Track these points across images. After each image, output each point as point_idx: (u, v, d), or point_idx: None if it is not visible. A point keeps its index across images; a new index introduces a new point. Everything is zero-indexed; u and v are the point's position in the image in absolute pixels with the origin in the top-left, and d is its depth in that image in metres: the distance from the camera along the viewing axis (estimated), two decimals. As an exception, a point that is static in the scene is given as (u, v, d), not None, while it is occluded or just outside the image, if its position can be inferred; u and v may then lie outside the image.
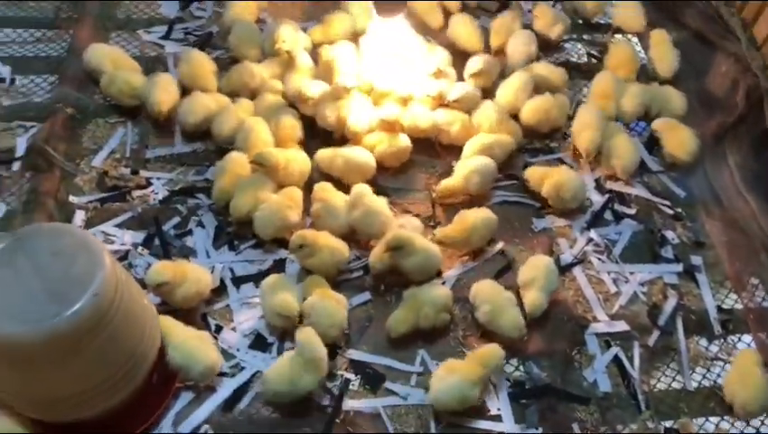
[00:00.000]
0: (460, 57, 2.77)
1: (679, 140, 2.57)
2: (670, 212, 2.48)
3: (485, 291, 2.14)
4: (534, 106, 2.60)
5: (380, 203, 2.28)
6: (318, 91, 2.49)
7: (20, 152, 2.43)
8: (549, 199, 2.40)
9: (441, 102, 2.58)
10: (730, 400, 2.05)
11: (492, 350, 2.01)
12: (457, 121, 2.53)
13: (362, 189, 2.29)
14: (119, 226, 2.30)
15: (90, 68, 2.61)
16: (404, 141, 2.47)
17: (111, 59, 2.61)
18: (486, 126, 2.52)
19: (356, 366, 2.06)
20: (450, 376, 1.94)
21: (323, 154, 2.40)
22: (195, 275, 2.08)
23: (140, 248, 2.25)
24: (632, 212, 2.47)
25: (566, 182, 2.38)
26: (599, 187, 2.52)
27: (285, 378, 1.92)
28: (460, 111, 2.56)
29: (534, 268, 2.18)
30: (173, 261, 2.13)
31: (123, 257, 2.22)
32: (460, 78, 2.69)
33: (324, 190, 2.31)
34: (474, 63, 2.68)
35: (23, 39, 2.78)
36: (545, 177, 2.40)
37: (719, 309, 2.26)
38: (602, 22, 3.06)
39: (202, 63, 2.61)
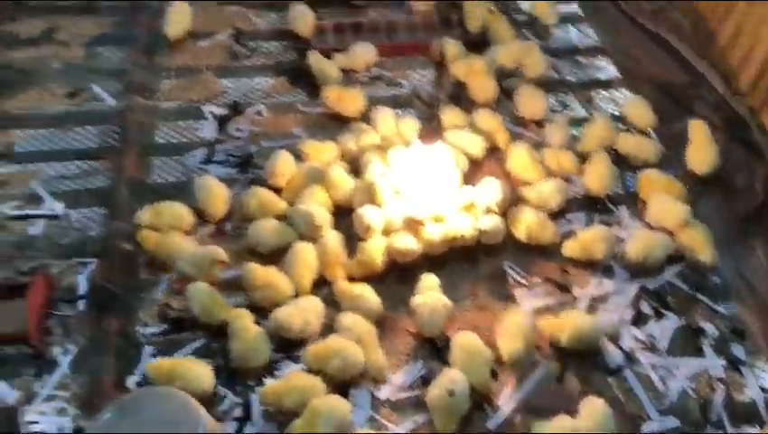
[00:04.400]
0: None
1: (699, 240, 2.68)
2: (708, 304, 2.61)
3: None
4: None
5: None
6: (379, 222, 2.62)
7: (82, 290, 2.53)
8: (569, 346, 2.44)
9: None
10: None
11: None
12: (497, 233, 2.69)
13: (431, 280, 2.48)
14: (188, 357, 2.38)
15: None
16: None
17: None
18: (525, 233, 2.67)
19: None
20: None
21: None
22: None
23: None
24: (671, 306, 2.59)
25: (584, 330, 2.42)
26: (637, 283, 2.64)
27: None
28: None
29: None
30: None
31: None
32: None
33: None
34: (494, 192, 2.74)
35: (70, 172, 2.90)
36: (562, 328, 2.43)
37: (763, 390, 2.38)
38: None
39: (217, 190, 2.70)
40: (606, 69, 3.46)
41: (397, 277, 2.60)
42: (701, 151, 2.93)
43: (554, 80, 3.36)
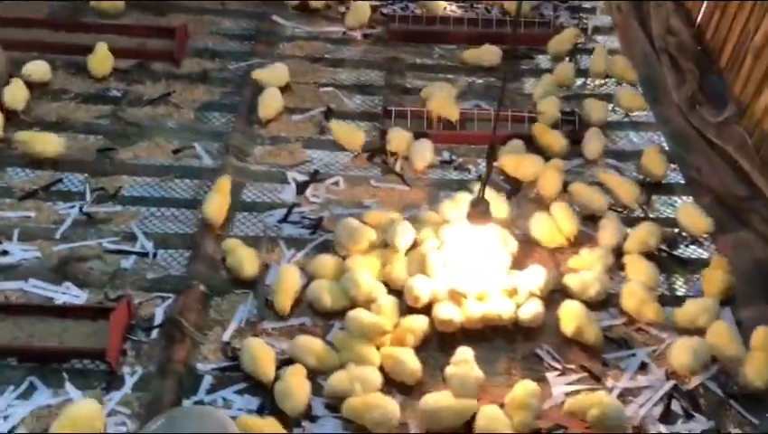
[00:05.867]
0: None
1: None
2: (741, 412, 2.64)
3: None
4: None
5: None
6: (427, 293, 2.83)
7: (158, 321, 2.85)
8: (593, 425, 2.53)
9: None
10: None
11: None
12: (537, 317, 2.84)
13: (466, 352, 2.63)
14: (239, 392, 2.64)
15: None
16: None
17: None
18: (572, 331, 2.80)
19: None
20: None
21: None
22: None
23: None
24: (702, 409, 2.63)
25: (610, 411, 2.51)
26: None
27: None
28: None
29: None
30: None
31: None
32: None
33: None
34: (538, 279, 2.91)
35: (164, 217, 3.28)
36: (589, 405, 2.53)
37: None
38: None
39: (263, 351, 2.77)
40: (668, 174, 3.58)
41: (437, 344, 2.79)
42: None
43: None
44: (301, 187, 3.45)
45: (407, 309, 2.86)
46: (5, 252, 3.03)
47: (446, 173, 3.59)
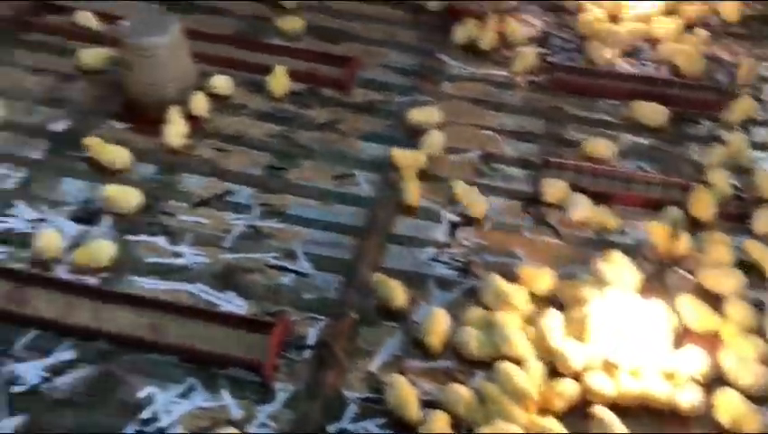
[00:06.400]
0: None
1: None
2: None
3: None
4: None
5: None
6: (581, 361, 2.81)
7: (311, 341, 2.98)
8: None
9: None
10: None
11: None
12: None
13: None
14: (381, 427, 2.71)
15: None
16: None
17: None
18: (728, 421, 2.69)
19: None
20: None
21: None
22: None
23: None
24: None
25: None
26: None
27: None
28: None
29: None
30: None
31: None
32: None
33: None
34: (700, 364, 2.82)
35: (323, 240, 3.41)
36: None
37: None
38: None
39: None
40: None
41: (584, 414, 2.74)
42: None
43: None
44: (453, 228, 3.51)
45: (553, 369, 2.84)
46: (178, 254, 3.28)
47: (602, 231, 3.53)
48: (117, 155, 3.60)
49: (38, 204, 3.42)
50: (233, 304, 3.09)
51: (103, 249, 3.16)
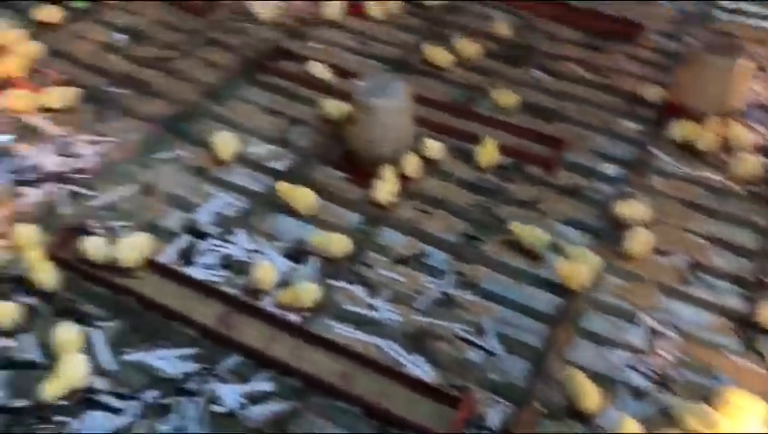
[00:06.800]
0: None
1: None
2: None
3: None
4: None
5: None
6: None
7: (490, 424, 2.95)
8: None
9: None
10: None
11: None
12: None
13: None
14: None
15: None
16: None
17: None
18: None
19: None
20: None
21: None
22: None
23: None
24: None
25: None
26: None
27: None
28: None
29: None
30: None
31: None
32: None
33: None
34: None
35: (514, 322, 3.38)
36: None
37: None
38: None
39: None
40: None
41: None
42: None
43: None
44: (651, 335, 3.36)
45: None
46: (373, 307, 3.40)
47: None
48: (304, 198, 3.80)
49: (255, 235, 3.71)
50: (420, 368, 3.14)
51: (309, 291, 3.34)
